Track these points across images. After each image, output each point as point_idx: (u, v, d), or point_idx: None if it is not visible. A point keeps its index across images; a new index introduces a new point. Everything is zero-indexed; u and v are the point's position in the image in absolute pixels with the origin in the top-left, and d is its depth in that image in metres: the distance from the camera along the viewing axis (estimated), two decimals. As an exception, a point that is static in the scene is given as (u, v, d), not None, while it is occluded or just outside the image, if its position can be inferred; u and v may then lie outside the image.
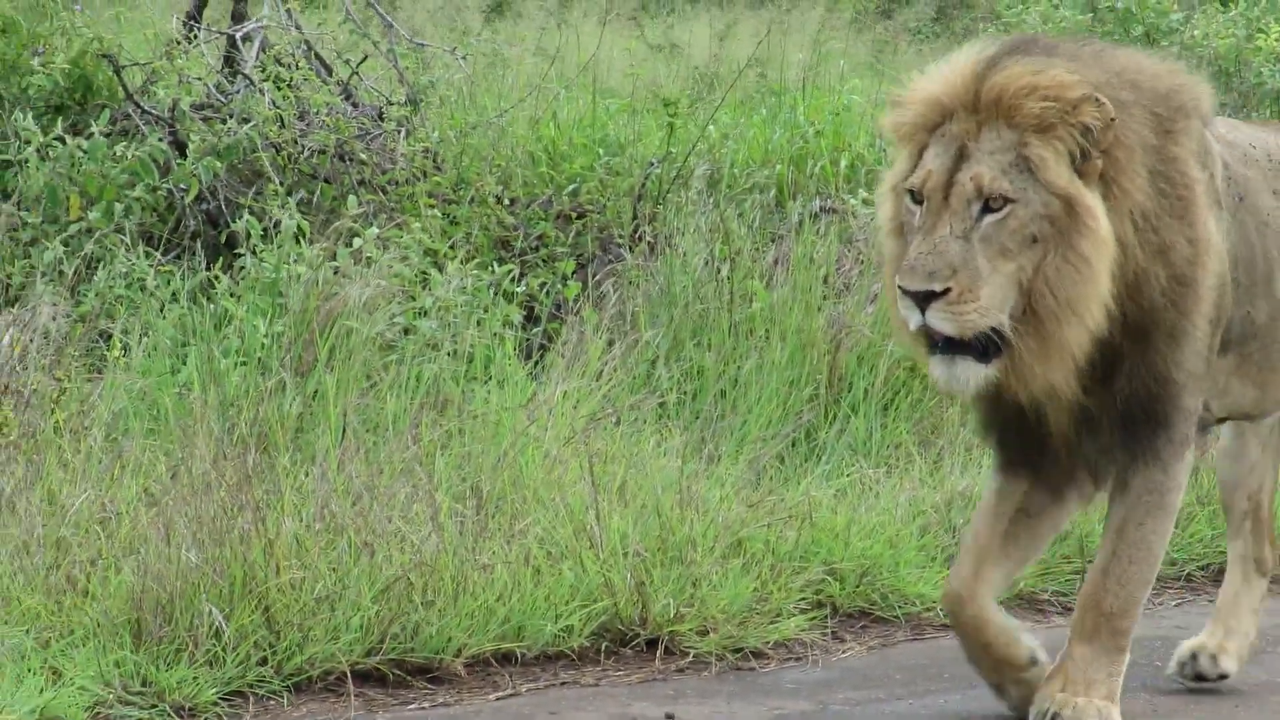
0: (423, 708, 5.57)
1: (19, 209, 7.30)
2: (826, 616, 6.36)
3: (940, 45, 15.46)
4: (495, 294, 7.41)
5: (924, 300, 4.74)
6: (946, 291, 4.73)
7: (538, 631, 5.81)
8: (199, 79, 8.32)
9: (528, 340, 7.61)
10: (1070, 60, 4.96)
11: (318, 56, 8.86)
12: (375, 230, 7.24)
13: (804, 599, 6.29)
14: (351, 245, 7.16)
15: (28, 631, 5.31)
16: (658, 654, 5.86)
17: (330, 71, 8.82)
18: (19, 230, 7.22)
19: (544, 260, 8.11)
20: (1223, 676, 5.80)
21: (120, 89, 8.00)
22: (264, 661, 5.45)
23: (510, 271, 7.67)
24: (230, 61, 8.61)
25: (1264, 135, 5.65)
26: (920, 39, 16.90)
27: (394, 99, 8.76)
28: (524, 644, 5.81)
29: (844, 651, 6.18)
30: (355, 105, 8.56)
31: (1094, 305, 4.84)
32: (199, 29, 8.92)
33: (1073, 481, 5.44)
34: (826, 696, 5.74)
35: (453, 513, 6.06)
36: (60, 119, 7.72)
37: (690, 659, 5.93)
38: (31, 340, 6.39)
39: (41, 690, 5.18)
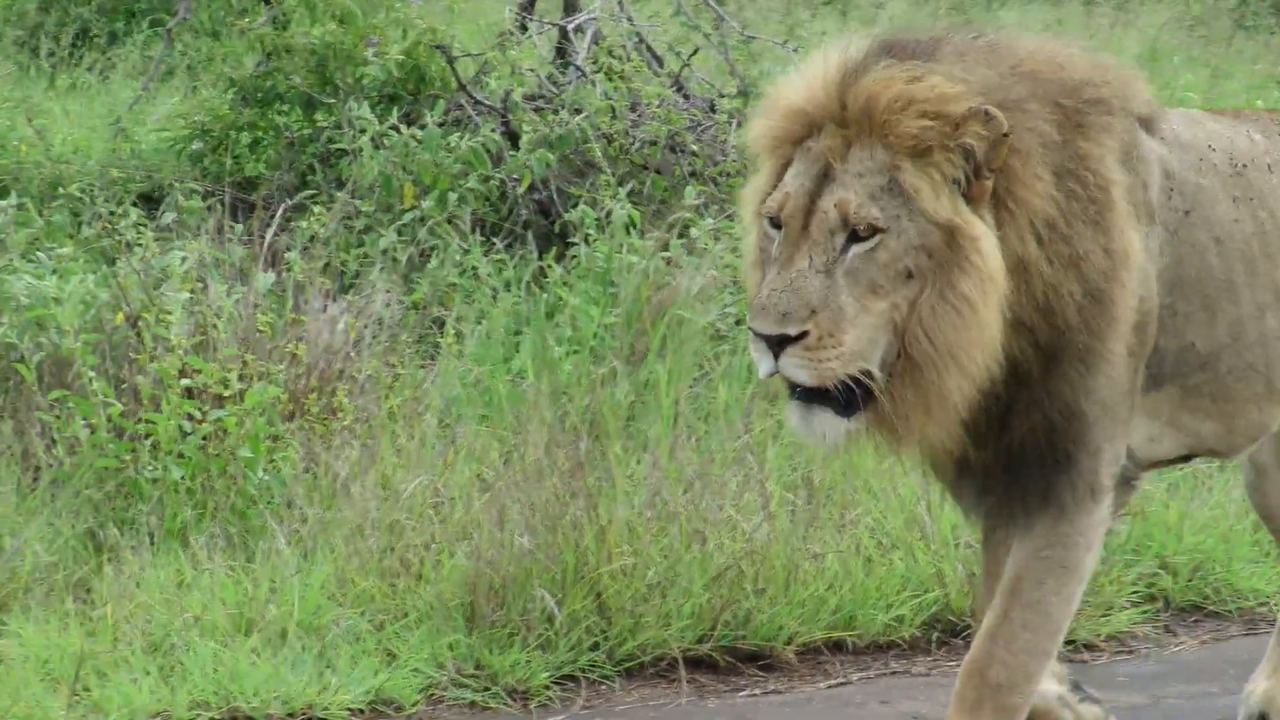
0: (754, 694, 5.81)
1: (353, 197, 7.60)
2: (1159, 610, 6.43)
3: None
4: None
5: (777, 344, 4.20)
6: (804, 335, 4.18)
7: (869, 621, 6.08)
8: (531, 70, 8.65)
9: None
10: (955, 61, 4.42)
11: (649, 48, 9.21)
12: (710, 222, 7.40)
13: (1136, 592, 6.39)
14: (686, 236, 7.31)
15: (363, 614, 5.58)
16: (987, 645, 5.99)
17: (661, 63, 9.16)
18: (354, 218, 7.53)
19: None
20: None
21: (453, 79, 8.32)
22: (595, 647, 5.71)
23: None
24: (562, 53, 8.98)
25: (1229, 131, 5.06)
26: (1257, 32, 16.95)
27: (725, 91, 9.02)
28: (855, 633, 6.07)
29: (1176, 645, 6.23)
30: (686, 97, 8.84)
31: (977, 351, 4.29)
32: (531, 20, 9.37)
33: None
34: (1159, 690, 5.82)
35: (784, 502, 6.30)
36: (394, 109, 8.04)
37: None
38: (366, 326, 6.60)
39: (376, 672, 5.49)
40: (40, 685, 5.35)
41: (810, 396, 4.20)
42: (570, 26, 9.01)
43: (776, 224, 4.33)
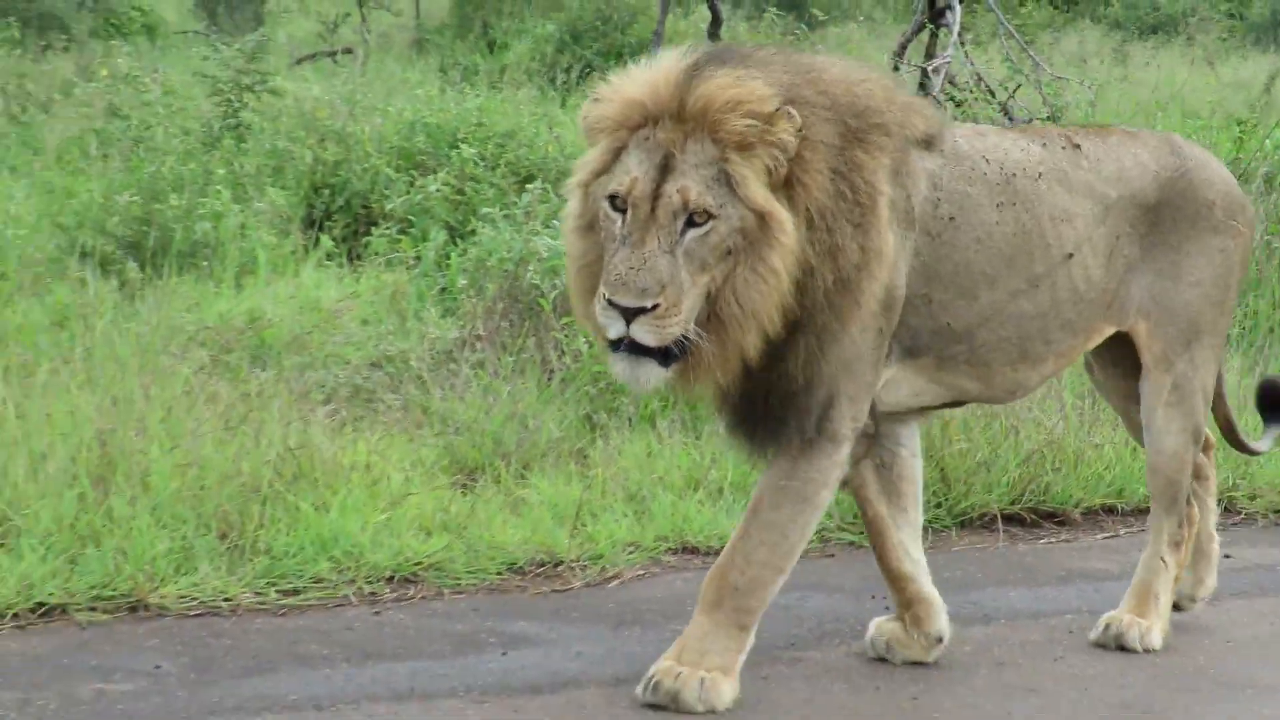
0: (1050, 541, 7.18)
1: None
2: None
3: None
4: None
5: (632, 315, 4.64)
6: (655, 307, 4.64)
7: (1133, 493, 7.44)
8: None
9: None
10: (763, 68, 4.86)
11: (985, 84, 11.48)
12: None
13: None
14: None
15: None
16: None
17: (993, 95, 11.35)
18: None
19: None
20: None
21: None
22: (939, 505, 7.10)
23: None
24: (923, 86, 11.27)
25: (1008, 144, 5.49)
26: None
27: (1039, 115, 11.08)
28: (1123, 500, 7.47)
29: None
30: (1010, 118, 10.87)
31: (775, 311, 4.77)
32: (902, 63, 11.84)
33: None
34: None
35: (1075, 406, 7.66)
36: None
37: (1242, 516, 7.55)
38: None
39: None
40: (551, 522, 6.55)
41: (636, 350, 4.70)
42: (929, 67, 11.41)
43: (617, 205, 4.76)
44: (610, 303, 4.65)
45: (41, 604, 5.64)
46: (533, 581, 6.34)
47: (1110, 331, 5.67)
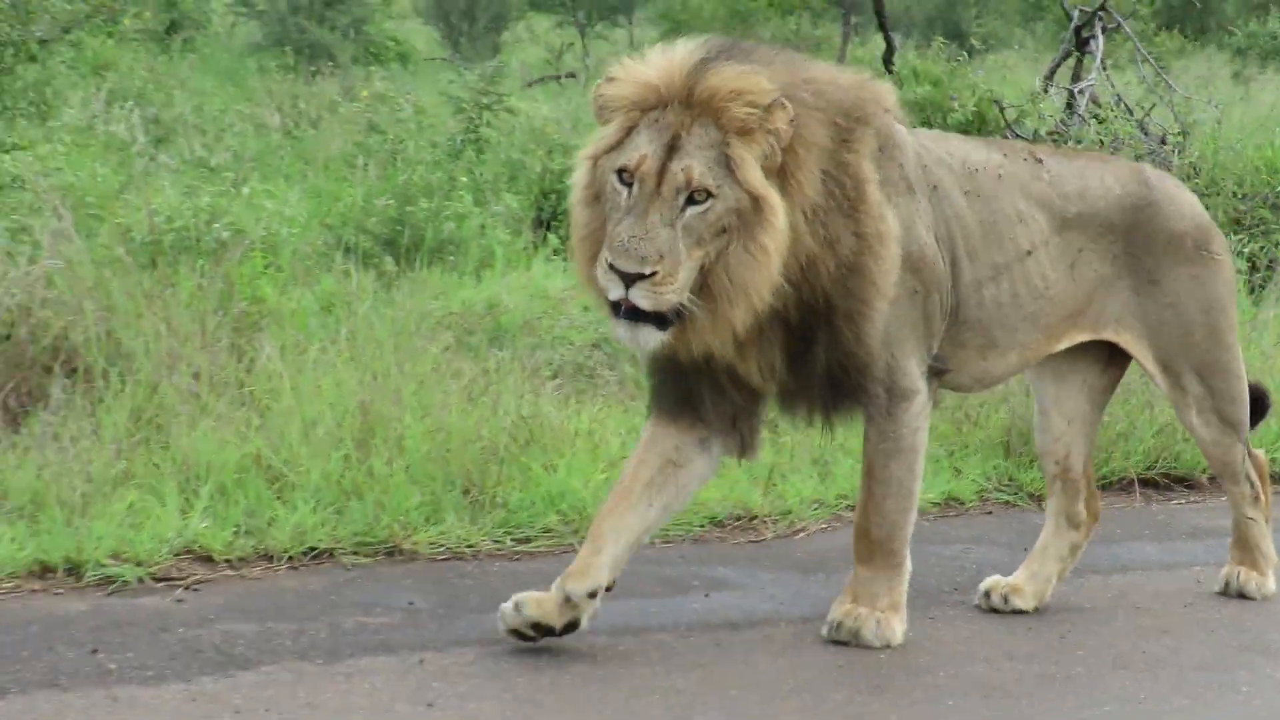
0: (1180, 503, 7.86)
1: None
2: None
3: None
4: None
5: (632, 280, 4.83)
6: (653, 274, 4.82)
7: None
8: (1051, 115, 11.66)
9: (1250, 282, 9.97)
10: (765, 65, 5.04)
11: (1124, 103, 11.99)
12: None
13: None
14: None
15: (939, 445, 7.64)
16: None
17: (1131, 113, 11.86)
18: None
19: (1263, 233, 10.69)
20: (1017, 612, 6.02)
21: (1002, 120, 11.33)
22: None
23: (1241, 239, 10.23)
24: (1070, 105, 12.05)
25: (969, 147, 5.74)
26: None
27: (1172, 131, 11.64)
28: None
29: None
30: (1146, 133, 11.48)
31: (764, 288, 4.97)
32: (1051, 85, 12.63)
33: (724, 436, 5.52)
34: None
35: None
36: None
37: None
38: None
39: (949, 480, 7.52)
40: (747, 482, 7.17)
41: (636, 315, 4.90)
42: (1075, 89, 12.15)
43: (625, 178, 4.93)
44: (612, 267, 4.85)
45: (312, 548, 6.26)
46: (731, 533, 7.02)
47: (1082, 338, 5.87)
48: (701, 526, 7.01)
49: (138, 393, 6.90)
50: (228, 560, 6.18)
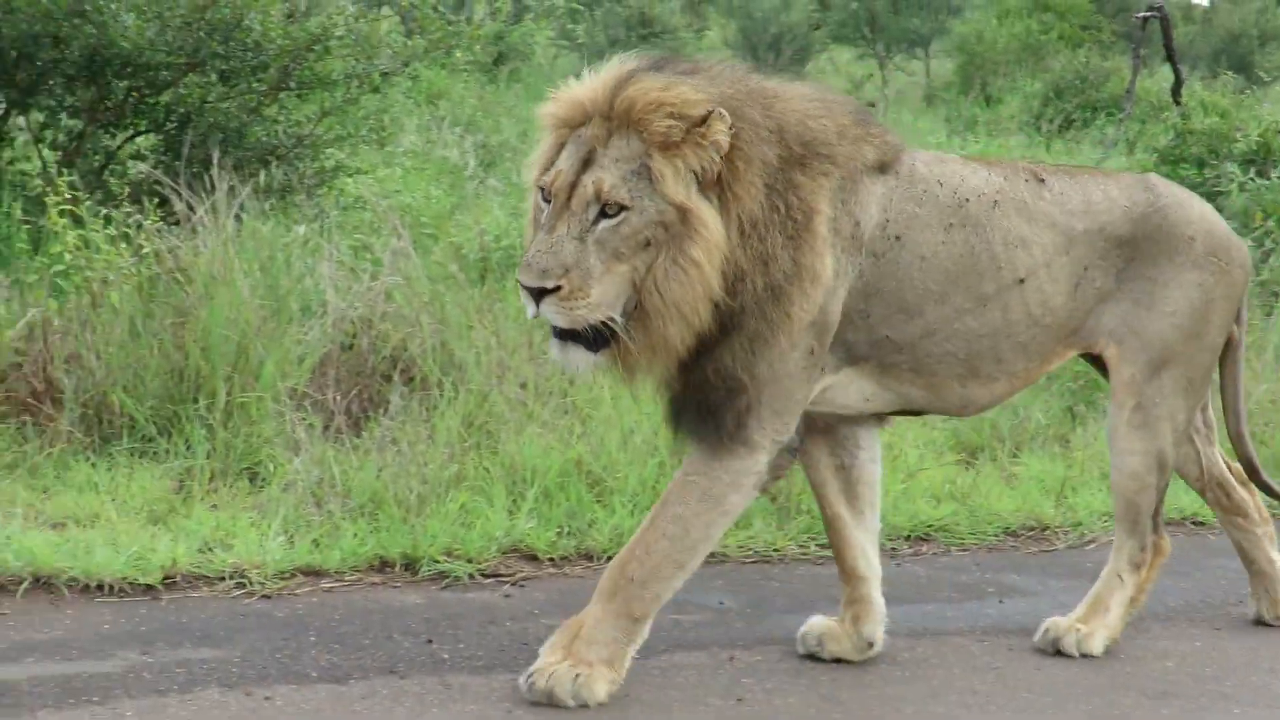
0: None
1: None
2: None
3: None
4: None
5: (538, 295, 4.62)
6: (559, 288, 4.61)
7: None
8: None
9: None
10: (707, 79, 4.85)
11: None
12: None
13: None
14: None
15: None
16: None
17: None
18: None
19: None
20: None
21: None
22: None
23: None
24: None
25: (967, 172, 5.39)
26: None
27: None
28: None
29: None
30: None
31: (700, 305, 4.73)
32: None
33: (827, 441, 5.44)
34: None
35: None
36: (1248, 168, 10.84)
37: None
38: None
39: None
40: (1039, 494, 7.47)
41: (565, 335, 4.73)
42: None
43: (546, 196, 4.78)
44: (519, 283, 4.71)
45: (629, 548, 6.65)
46: (1023, 542, 7.25)
47: (1073, 354, 5.65)
48: (996, 536, 7.24)
49: (469, 400, 7.28)
50: (551, 559, 6.52)
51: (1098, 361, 5.71)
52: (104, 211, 8.07)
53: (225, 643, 5.49)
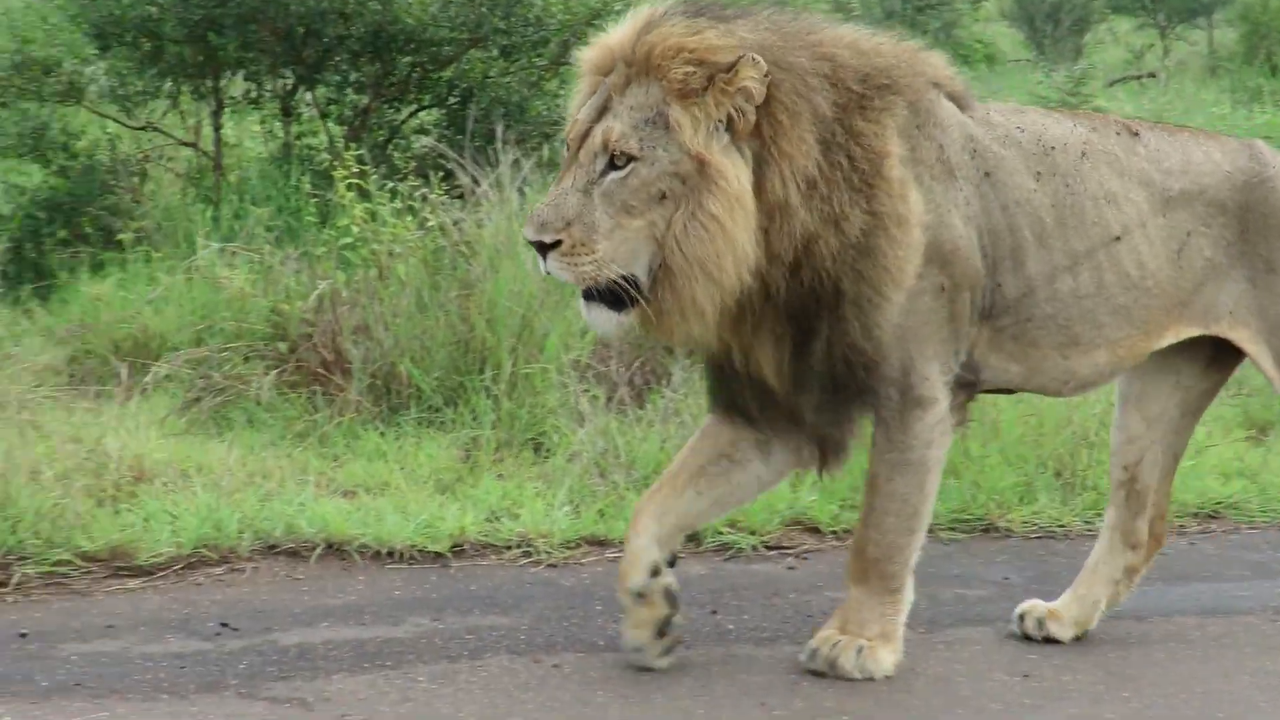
0: None
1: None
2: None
3: None
4: None
5: (544, 251, 4.45)
6: (558, 243, 4.43)
7: None
8: None
9: None
10: (747, 26, 4.57)
11: None
12: None
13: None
14: None
15: None
16: None
17: None
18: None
19: None
20: (1050, 640, 5.37)
21: None
22: None
23: None
24: None
25: (1048, 121, 5.05)
26: None
27: None
28: None
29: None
30: None
31: (727, 263, 4.46)
32: None
33: (787, 444, 5.00)
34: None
35: None
36: None
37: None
38: None
39: None
40: None
41: (590, 295, 4.51)
42: None
43: (568, 147, 4.58)
44: (526, 238, 4.55)
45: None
46: None
47: (1190, 333, 5.16)
48: (1284, 514, 7.03)
49: (750, 373, 7.26)
50: (834, 531, 6.53)
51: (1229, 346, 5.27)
52: (389, 185, 8.24)
53: (513, 610, 5.59)
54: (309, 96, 10.55)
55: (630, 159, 4.43)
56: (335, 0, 9.61)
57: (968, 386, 4.93)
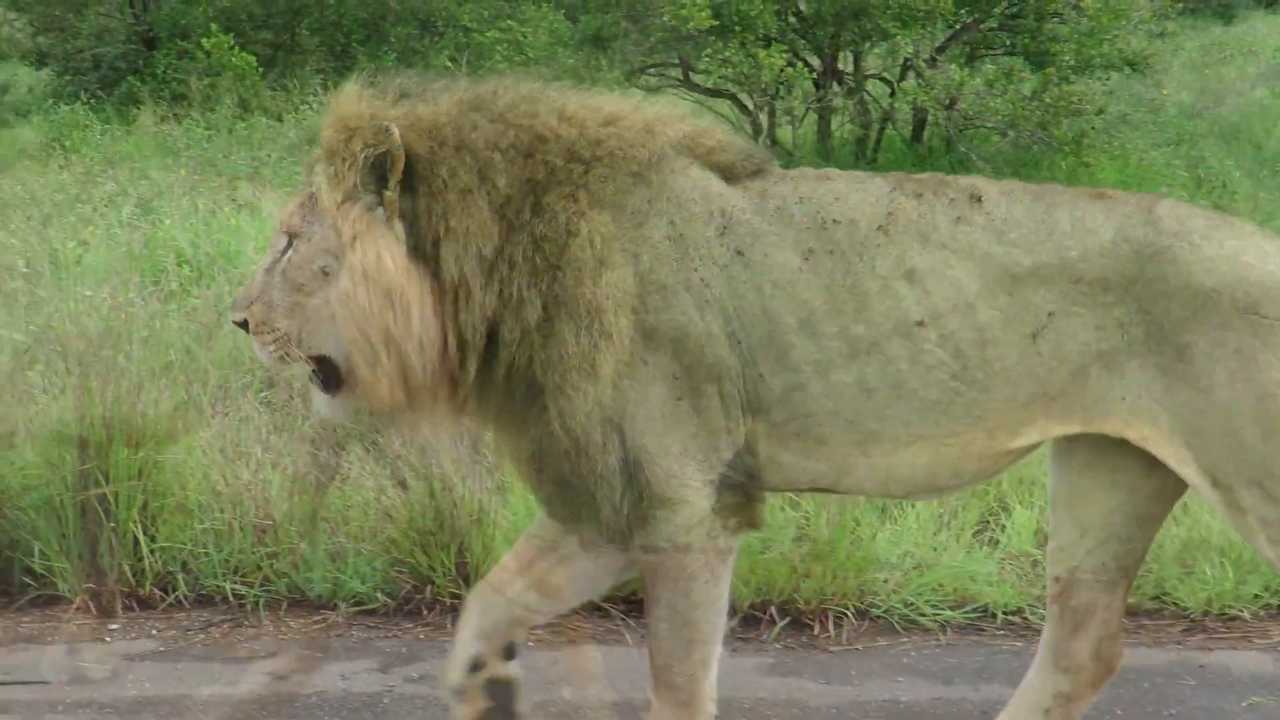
0: None
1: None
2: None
3: None
4: None
5: (243, 328, 4.33)
6: (245, 323, 4.28)
7: None
8: None
9: None
10: (431, 102, 4.25)
11: None
12: None
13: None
14: None
15: None
16: None
17: None
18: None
19: None
20: None
21: None
22: None
23: None
24: None
25: (846, 190, 4.23)
26: None
27: None
28: None
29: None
30: None
31: (376, 342, 4.14)
32: None
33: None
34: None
35: None
36: None
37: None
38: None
39: None
40: None
41: (311, 376, 4.32)
42: None
43: None
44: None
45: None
46: None
47: (1064, 430, 4.23)
48: None
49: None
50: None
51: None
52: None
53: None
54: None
55: (293, 236, 4.25)
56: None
57: (741, 487, 4.28)
